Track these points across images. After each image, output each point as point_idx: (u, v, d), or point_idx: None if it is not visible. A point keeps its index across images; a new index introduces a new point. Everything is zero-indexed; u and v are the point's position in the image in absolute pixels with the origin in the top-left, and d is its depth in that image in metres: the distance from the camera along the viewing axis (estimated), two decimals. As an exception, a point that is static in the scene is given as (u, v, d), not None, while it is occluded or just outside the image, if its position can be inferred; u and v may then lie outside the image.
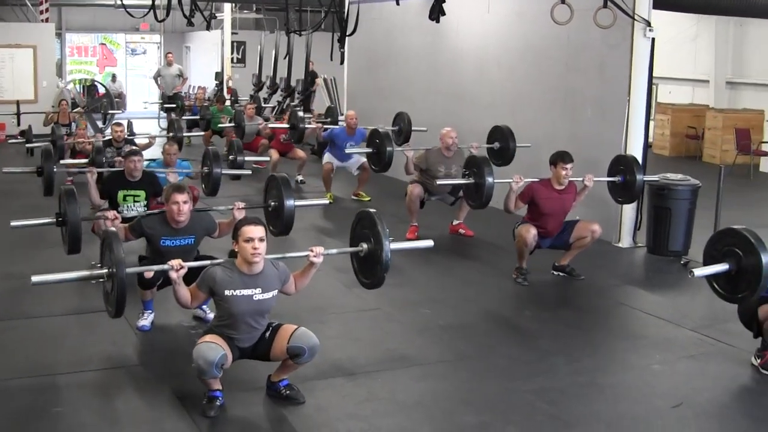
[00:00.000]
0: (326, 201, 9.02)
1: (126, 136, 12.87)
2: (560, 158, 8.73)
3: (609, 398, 6.16)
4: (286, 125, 13.95)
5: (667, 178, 10.18)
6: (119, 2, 14.60)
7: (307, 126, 13.61)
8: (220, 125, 16.90)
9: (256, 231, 5.57)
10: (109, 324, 7.08)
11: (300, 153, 14.70)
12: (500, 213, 9.60)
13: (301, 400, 5.85)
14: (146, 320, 7.32)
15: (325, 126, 13.83)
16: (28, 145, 14.61)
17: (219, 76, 25.64)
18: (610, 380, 6.51)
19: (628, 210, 10.51)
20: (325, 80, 20.37)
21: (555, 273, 9.15)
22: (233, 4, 25.84)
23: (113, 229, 6.32)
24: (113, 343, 7.02)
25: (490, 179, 8.90)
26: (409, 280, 8.90)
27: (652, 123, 15.13)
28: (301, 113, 14.04)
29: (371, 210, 6.25)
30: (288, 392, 5.89)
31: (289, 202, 7.52)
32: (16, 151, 17.20)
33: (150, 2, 13.89)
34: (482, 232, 10.93)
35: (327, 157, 13.11)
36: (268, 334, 5.81)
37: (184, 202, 6.99)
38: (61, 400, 5.93)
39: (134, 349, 7.01)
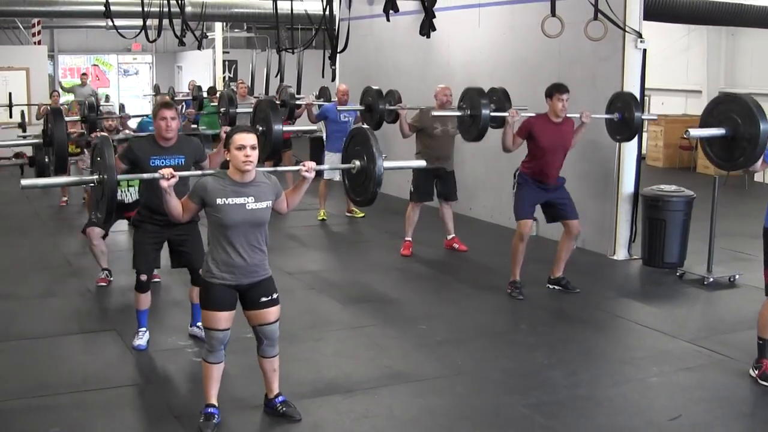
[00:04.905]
0: (314, 127, 8.89)
1: (119, 126, 12.89)
2: (556, 89, 8.65)
3: (607, 411, 6.14)
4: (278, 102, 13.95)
5: (661, 190, 10.16)
6: (110, 23, 14.59)
7: (298, 102, 13.56)
8: (212, 104, 16.79)
9: (248, 138, 5.46)
10: (106, 344, 7.07)
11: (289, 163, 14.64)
12: (494, 227, 9.64)
13: (297, 418, 5.82)
14: (142, 339, 7.29)
15: (315, 103, 13.76)
16: (22, 133, 14.58)
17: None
18: (608, 393, 6.48)
19: (623, 222, 10.50)
20: (317, 97, 20.36)
21: (550, 286, 9.13)
22: (224, 23, 25.90)
23: (105, 134, 6.22)
24: (109, 362, 7.00)
25: (485, 111, 8.79)
26: (404, 296, 8.88)
27: (645, 134, 15.17)
28: (292, 91, 14.00)
29: (365, 126, 6.14)
30: (284, 409, 5.85)
31: (277, 127, 7.31)
32: (10, 174, 17.17)
33: (141, 23, 13.91)
34: (476, 247, 10.93)
35: (327, 167, 12.98)
36: (265, 299, 5.68)
37: (172, 118, 6.91)
38: (59, 421, 5.88)
39: (131, 369, 6.96)
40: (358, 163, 6.09)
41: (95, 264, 9.22)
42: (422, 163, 6.60)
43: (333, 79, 15.03)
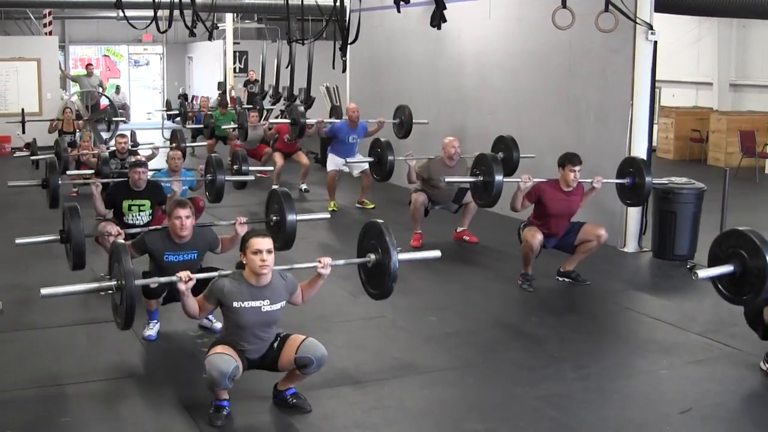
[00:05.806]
0: (327, 215, 8.94)
1: (129, 148, 12.88)
2: (569, 160, 8.67)
3: (616, 404, 6.14)
4: (288, 120, 14.05)
5: (672, 182, 10.15)
6: (121, 14, 14.59)
7: (308, 121, 13.59)
8: (224, 127, 16.90)
9: (264, 243, 5.58)
10: (115, 334, 7.06)
11: (303, 158, 14.76)
12: (504, 219, 9.63)
13: (307, 409, 5.84)
14: (152, 330, 7.32)
15: (327, 121, 13.82)
16: (33, 158, 14.53)
17: (221, 85, 25.69)
18: (618, 385, 6.48)
19: (634, 214, 10.48)
20: (327, 89, 20.37)
21: (560, 279, 9.12)
22: (235, 14, 25.90)
23: (121, 241, 6.30)
24: (119, 352, 7.02)
25: (499, 177, 8.82)
26: (414, 288, 8.87)
27: (655, 126, 15.13)
28: (301, 108, 14.13)
29: (379, 221, 6.21)
30: (294, 401, 5.87)
31: (291, 217, 7.43)
32: (21, 164, 17.18)
33: (152, 14, 13.91)
34: (486, 239, 10.91)
35: (331, 162, 13.05)
36: (276, 344, 5.82)
37: (187, 217, 6.99)
38: (69, 410, 5.92)
39: (140, 359, 7.00)
40: (373, 256, 6.18)
41: (105, 254, 9.22)
42: (437, 253, 6.73)
43: (344, 70, 15.03)
